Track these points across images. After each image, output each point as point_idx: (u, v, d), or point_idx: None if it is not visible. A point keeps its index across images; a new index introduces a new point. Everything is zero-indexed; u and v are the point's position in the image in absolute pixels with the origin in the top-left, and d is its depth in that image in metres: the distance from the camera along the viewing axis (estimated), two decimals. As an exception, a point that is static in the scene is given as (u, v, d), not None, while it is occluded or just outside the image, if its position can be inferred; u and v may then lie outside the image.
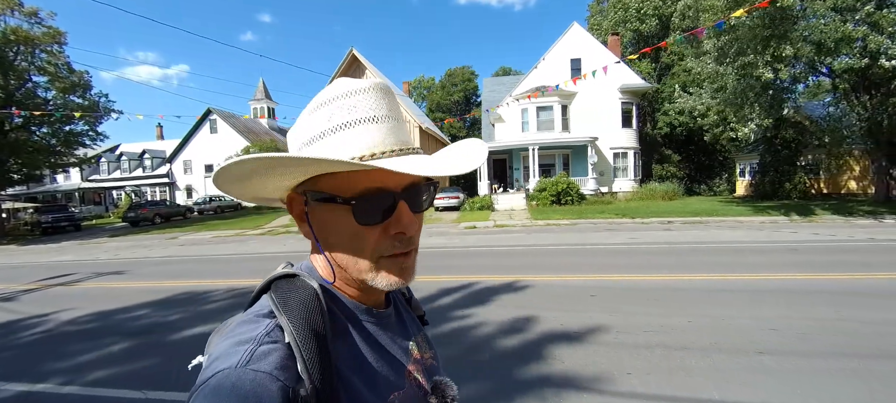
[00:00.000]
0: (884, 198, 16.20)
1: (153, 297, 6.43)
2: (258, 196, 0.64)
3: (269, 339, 0.49)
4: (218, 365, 0.45)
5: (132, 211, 24.11)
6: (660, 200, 20.62)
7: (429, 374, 0.67)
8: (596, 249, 8.86)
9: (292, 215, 0.61)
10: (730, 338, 3.55)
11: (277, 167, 0.52)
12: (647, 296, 4.98)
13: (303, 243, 12.71)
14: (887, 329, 3.65)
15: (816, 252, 7.51)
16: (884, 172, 16.32)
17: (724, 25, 10.70)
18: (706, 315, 4.16)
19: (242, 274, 8.10)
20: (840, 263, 6.51)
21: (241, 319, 0.54)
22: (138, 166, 36.04)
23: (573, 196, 19.00)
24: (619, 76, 22.40)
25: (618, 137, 22.64)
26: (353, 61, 23.71)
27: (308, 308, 0.51)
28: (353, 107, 0.54)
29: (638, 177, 23.19)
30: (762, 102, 13.26)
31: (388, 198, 0.55)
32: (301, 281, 0.56)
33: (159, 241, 16.04)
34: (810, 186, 22.27)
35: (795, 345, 3.39)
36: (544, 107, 22.08)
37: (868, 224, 11.64)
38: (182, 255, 11.73)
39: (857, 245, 8.15)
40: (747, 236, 10.02)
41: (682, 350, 3.32)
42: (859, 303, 4.42)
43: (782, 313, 4.19)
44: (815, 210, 15.09)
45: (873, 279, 5.41)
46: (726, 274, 5.99)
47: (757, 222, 12.92)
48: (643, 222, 13.50)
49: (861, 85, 14.93)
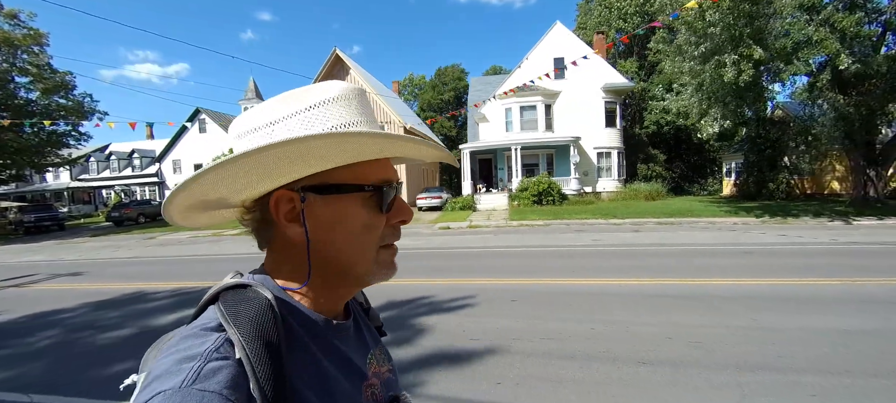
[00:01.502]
0: (861, 198, 16.13)
1: (96, 298, 6.41)
2: (209, 202, 0.57)
3: (218, 355, 0.45)
4: (158, 386, 0.41)
5: (116, 211, 24.11)
6: (643, 200, 20.60)
7: (386, 388, 0.65)
8: (552, 251, 8.84)
9: (275, 217, 0.55)
10: (622, 346, 3.52)
11: (310, 151, 0.49)
12: (569, 301, 4.96)
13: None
14: (798, 336, 3.62)
15: (769, 256, 7.49)
16: (861, 171, 16.25)
17: (678, 16, 10.58)
18: (615, 322, 4.14)
19: (198, 276, 8.07)
20: (787, 267, 6.50)
21: (184, 333, 0.49)
22: (128, 166, 36.05)
23: (554, 196, 18.97)
24: (602, 76, 22.37)
25: (601, 136, 22.60)
26: (337, 61, 23.68)
27: (261, 321, 0.48)
28: (348, 110, 0.55)
29: (622, 177, 23.16)
30: (729, 102, 13.20)
31: (393, 188, 0.58)
32: (253, 291, 0.52)
33: (136, 241, 16.02)
34: (794, 186, 22.25)
35: (683, 354, 3.36)
36: (528, 106, 22.03)
37: (836, 226, 11.61)
38: (151, 255, 11.70)
39: (814, 248, 8.12)
40: (712, 238, 9.99)
41: (564, 359, 3.30)
42: (783, 309, 4.40)
43: (694, 319, 4.16)
44: (791, 211, 15.08)
45: (808, 285, 5.38)
46: (663, 279, 5.95)
47: (729, 224, 12.91)
48: (615, 223, 13.47)
49: (836, 84, 14.88)
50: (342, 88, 0.56)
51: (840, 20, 10.52)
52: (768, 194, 21.48)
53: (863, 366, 3.07)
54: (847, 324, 3.89)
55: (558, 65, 22.40)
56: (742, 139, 22.86)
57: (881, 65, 11.70)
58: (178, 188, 0.51)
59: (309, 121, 0.53)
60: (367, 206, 0.56)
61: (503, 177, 23.16)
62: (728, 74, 11.18)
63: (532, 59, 22.79)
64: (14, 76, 21.92)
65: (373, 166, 0.57)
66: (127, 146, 36.62)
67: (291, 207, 0.55)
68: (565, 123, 22.23)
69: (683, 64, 14.65)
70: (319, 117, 0.53)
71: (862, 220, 12.47)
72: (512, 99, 21.91)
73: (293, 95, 0.55)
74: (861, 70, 12.21)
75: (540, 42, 22.84)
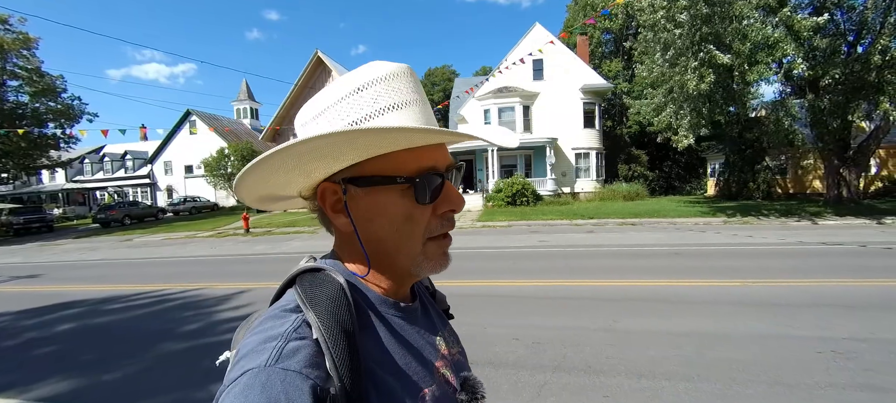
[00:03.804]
0: (835, 198, 16.07)
1: (28, 305, 6.59)
2: (275, 194, 0.62)
3: (297, 335, 0.47)
4: (246, 364, 0.44)
5: (103, 212, 24.47)
6: (621, 200, 20.63)
7: (457, 370, 0.65)
8: (487, 254, 8.92)
9: (324, 208, 0.58)
10: (490, 350, 3.64)
11: (349, 142, 0.49)
12: (468, 303, 5.08)
13: (245, 245, 12.93)
14: (643, 339, 3.72)
15: (696, 257, 7.53)
16: (835, 171, 16.17)
17: (609, 13, 10.61)
18: (471, 324, 4.26)
19: (148, 279, 8.26)
20: (715, 268, 6.53)
21: (268, 314, 0.53)
22: (121, 167, 36.54)
23: (529, 197, 19.04)
24: (580, 77, 22.39)
25: (580, 137, 22.63)
26: (319, 64, 23.87)
27: (335, 303, 0.50)
28: (397, 89, 0.54)
29: (601, 177, 23.17)
30: (701, 107, 13.17)
31: (438, 178, 0.56)
32: (327, 275, 0.54)
33: (112, 243, 16.29)
34: (775, 186, 22.14)
35: (521, 356, 3.49)
36: (506, 107, 22.12)
37: (799, 226, 11.58)
38: (118, 257, 11.92)
39: (751, 250, 8.12)
40: (665, 238, 10.01)
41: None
42: (676, 312, 4.49)
43: (551, 321, 4.28)
44: (762, 211, 15.07)
45: (700, 286, 5.45)
46: (578, 280, 6.05)
47: (690, 224, 12.91)
48: (577, 224, 13.54)
49: (807, 86, 14.82)
50: (379, 72, 0.55)
51: (797, 22, 10.49)
52: (748, 193, 21.42)
53: (689, 372, 3.18)
54: (701, 327, 3.98)
55: (537, 66, 22.48)
56: (724, 140, 22.78)
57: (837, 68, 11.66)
58: (237, 182, 0.55)
59: (344, 110, 0.54)
60: (407, 196, 0.55)
61: (482, 178, 23.25)
62: (691, 82, 11.18)
63: (511, 60, 22.83)
64: (6, 80, 22.35)
65: (416, 153, 0.55)
66: (120, 148, 37.13)
67: (336, 198, 0.57)
68: (544, 124, 22.29)
69: (654, 68, 14.67)
70: (354, 105, 0.53)
71: (828, 220, 12.43)
72: (490, 100, 22.01)
73: (339, 81, 0.56)
74: (815, 74, 12.20)
75: (519, 44, 22.89)
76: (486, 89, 22.44)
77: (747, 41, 10.82)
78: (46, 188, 37.37)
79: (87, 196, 38.11)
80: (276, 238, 14.04)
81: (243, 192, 0.58)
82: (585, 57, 24.91)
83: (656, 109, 15.73)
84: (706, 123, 13.70)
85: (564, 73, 22.42)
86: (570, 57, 22.93)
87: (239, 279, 7.46)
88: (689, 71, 11.56)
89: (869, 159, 16.65)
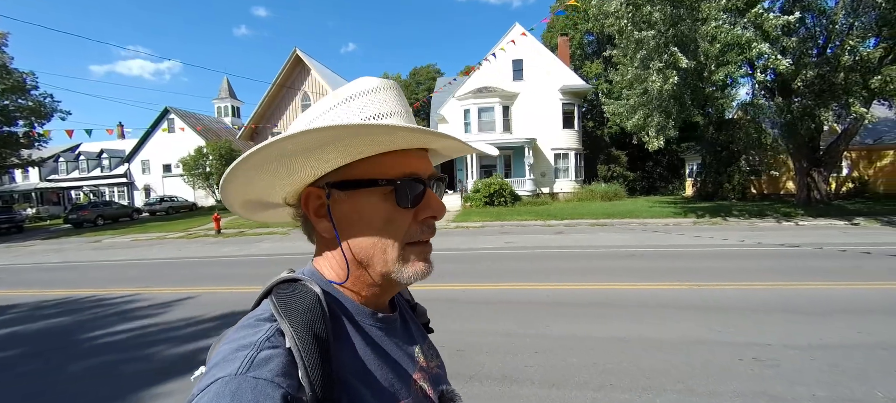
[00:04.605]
0: (805, 199, 16.32)
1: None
2: (261, 199, 0.63)
3: (270, 344, 0.47)
4: (217, 372, 0.44)
5: (74, 213, 23.87)
6: (599, 200, 20.74)
7: (435, 383, 0.65)
8: (447, 256, 8.85)
9: (307, 212, 0.59)
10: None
11: (333, 141, 0.51)
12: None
13: (213, 247, 12.67)
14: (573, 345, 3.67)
15: (654, 259, 7.55)
16: (804, 173, 16.42)
17: (564, 13, 10.62)
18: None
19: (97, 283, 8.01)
20: (669, 270, 6.54)
21: (241, 323, 0.52)
22: (97, 166, 35.72)
23: (506, 197, 19.04)
24: (560, 78, 22.46)
25: (559, 138, 22.70)
26: (297, 62, 23.58)
27: (310, 313, 0.50)
28: (383, 100, 0.56)
29: (580, 177, 23.27)
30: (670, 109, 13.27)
31: (420, 184, 0.57)
32: (303, 286, 0.54)
33: (78, 245, 15.89)
34: (750, 186, 22.46)
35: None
36: (486, 108, 22.09)
37: (767, 227, 11.73)
38: (81, 260, 11.59)
39: (717, 251, 8.13)
40: (631, 240, 10.04)
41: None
42: (614, 316, 4.45)
43: (505, 327, 4.21)
44: (733, 212, 15.24)
45: (664, 290, 5.44)
46: (524, 283, 6.01)
47: (660, 225, 13.00)
48: (549, 225, 13.55)
49: (778, 89, 15.02)
50: (367, 86, 0.57)
51: (767, 21, 10.57)
52: (724, 194, 21.69)
53: (604, 380, 3.12)
54: (631, 332, 3.95)
55: (516, 66, 22.50)
56: (702, 141, 23.05)
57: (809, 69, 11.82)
58: (223, 183, 0.56)
59: (331, 118, 0.55)
60: (388, 200, 0.56)
61: (462, 178, 23.20)
62: (656, 84, 11.26)
63: (491, 60, 22.81)
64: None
65: (399, 160, 0.56)
66: (96, 146, 36.24)
67: (320, 203, 0.58)
68: (523, 125, 22.31)
69: (629, 71, 14.74)
70: (342, 114, 0.55)
71: (795, 221, 12.61)
72: (470, 100, 21.96)
73: (331, 94, 0.57)
74: (788, 74, 12.34)
75: (498, 44, 22.87)
76: (466, 89, 22.39)
77: (716, 42, 10.89)
78: (19, 187, 36.36)
79: (61, 196, 37.17)
80: (248, 239, 13.81)
81: (230, 193, 0.58)
82: (566, 58, 25.00)
83: (630, 110, 15.83)
84: (675, 125, 13.79)
85: (544, 74, 22.46)
86: (550, 58, 22.98)
87: (188, 283, 7.26)
88: (654, 73, 11.64)
89: (837, 160, 16.95)
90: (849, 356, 3.30)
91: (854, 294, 4.92)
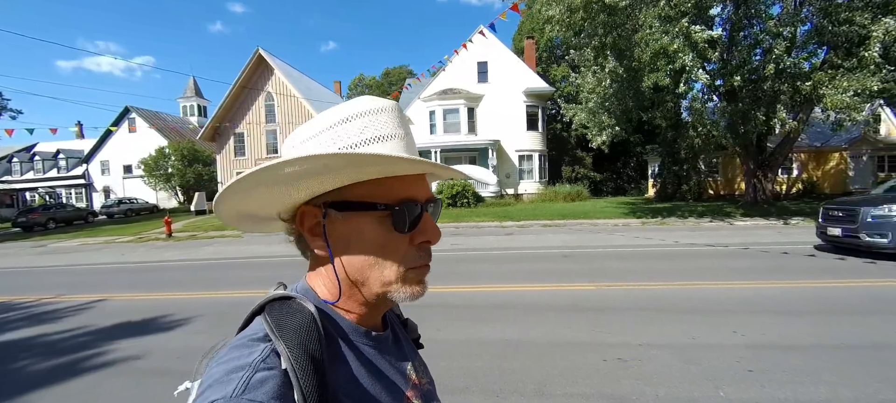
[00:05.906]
0: (752, 200, 16.91)
1: None
2: (254, 213, 0.61)
3: (265, 366, 0.46)
4: (211, 395, 0.42)
5: (24, 216, 22.89)
6: (562, 201, 21.07)
7: (427, 400, 0.65)
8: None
9: (302, 230, 0.59)
10: None
11: (336, 169, 0.51)
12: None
13: (157, 251, 12.32)
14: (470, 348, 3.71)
15: (583, 260, 7.72)
16: (751, 175, 17.04)
17: (507, 8, 10.82)
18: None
19: (27, 290, 7.69)
20: (589, 271, 6.68)
21: (234, 343, 0.50)
22: (53, 167, 34.32)
23: (469, 198, 19.16)
24: (523, 80, 22.74)
25: (523, 139, 22.97)
26: (260, 62, 23.19)
27: (305, 333, 0.49)
28: (383, 123, 0.55)
29: (544, 178, 23.60)
30: (612, 109, 13.63)
31: (417, 208, 0.56)
32: (297, 304, 0.53)
33: (22, 249, 15.21)
34: (707, 187, 23.20)
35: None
36: (451, 109, 22.18)
37: (709, 227, 12.11)
38: (13, 266, 11.06)
39: (646, 252, 8.39)
40: (574, 240, 10.23)
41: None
42: (507, 318, 4.51)
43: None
44: (684, 212, 15.68)
45: (574, 290, 5.56)
46: (440, 287, 6.06)
47: (610, 225, 13.29)
48: (504, 226, 13.71)
49: (725, 93, 15.55)
50: (367, 106, 0.56)
51: (694, 34, 10.97)
52: (682, 195, 22.34)
53: (468, 383, 3.17)
54: (516, 334, 4.03)
55: (481, 69, 22.67)
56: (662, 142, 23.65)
57: (737, 77, 12.27)
58: (216, 201, 0.56)
59: (332, 138, 0.55)
60: (385, 224, 0.55)
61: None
62: (588, 85, 11.57)
63: (456, 62, 22.92)
64: None
65: (397, 183, 0.56)
66: (52, 146, 34.82)
67: (316, 222, 0.57)
68: (488, 126, 22.49)
69: (587, 74, 15.05)
70: (342, 134, 0.54)
71: (737, 221, 13.09)
72: (435, 102, 22.01)
73: (331, 111, 0.57)
74: (713, 83, 12.86)
75: (463, 45, 22.97)
76: (431, 91, 22.43)
77: (648, 49, 11.26)
78: (-32, 189, 34.66)
79: (15, 197, 35.56)
80: (198, 243, 13.47)
81: (225, 204, 0.58)
82: (533, 61, 25.31)
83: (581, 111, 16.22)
84: (618, 124, 14.20)
85: (510, 76, 22.69)
86: (515, 61, 23.24)
87: (106, 290, 7.06)
88: (589, 74, 12.03)
89: (781, 163, 17.61)
90: (713, 355, 3.43)
91: (752, 293, 5.13)
